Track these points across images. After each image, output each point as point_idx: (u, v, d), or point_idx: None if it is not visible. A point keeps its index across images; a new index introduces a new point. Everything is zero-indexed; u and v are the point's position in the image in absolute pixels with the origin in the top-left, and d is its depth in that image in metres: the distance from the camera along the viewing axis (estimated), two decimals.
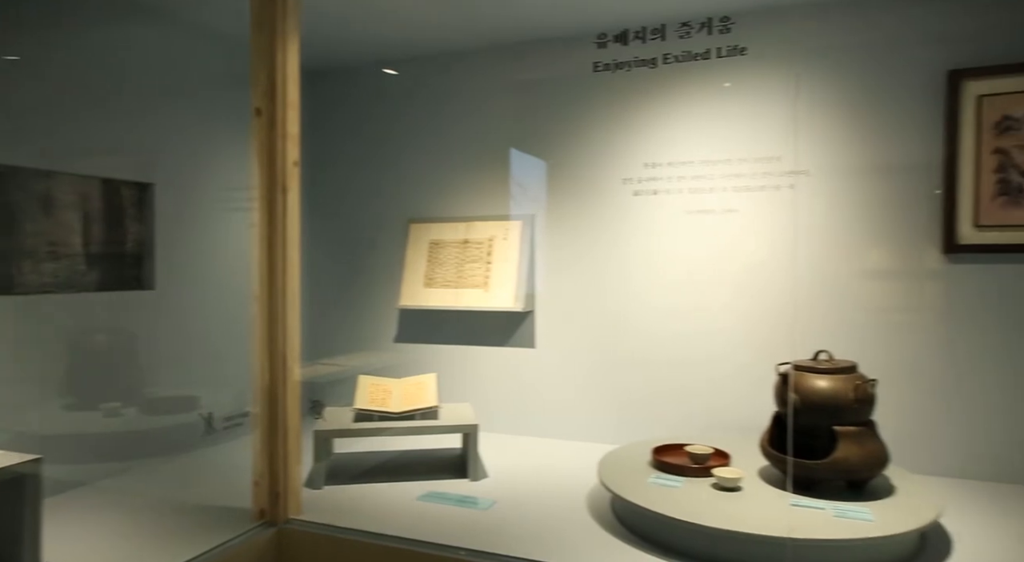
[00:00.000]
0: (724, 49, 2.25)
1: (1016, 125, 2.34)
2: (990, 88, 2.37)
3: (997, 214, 2.37)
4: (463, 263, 3.07)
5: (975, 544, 1.92)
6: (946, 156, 2.43)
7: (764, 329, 2.65)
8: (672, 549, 1.89)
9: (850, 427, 1.98)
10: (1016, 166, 2.34)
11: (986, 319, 2.43)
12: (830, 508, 1.88)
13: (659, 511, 1.87)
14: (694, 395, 2.77)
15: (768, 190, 2.63)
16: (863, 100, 2.54)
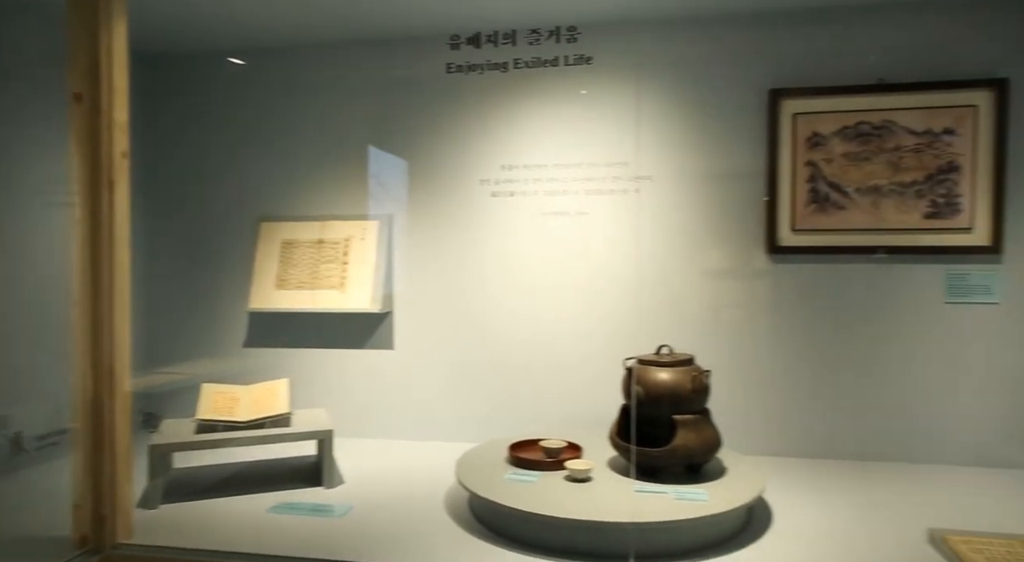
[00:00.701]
0: (572, 57, 2.35)
1: (823, 141, 2.64)
2: (803, 107, 2.65)
3: (810, 219, 2.66)
4: (318, 263, 2.96)
5: (792, 513, 2.14)
6: (769, 166, 2.69)
7: (613, 326, 2.79)
8: (528, 543, 1.93)
9: (688, 415, 2.13)
10: (823, 177, 2.64)
11: (804, 312, 2.71)
12: (671, 492, 2.02)
13: (513, 506, 1.91)
14: (550, 391, 2.86)
15: (617, 194, 2.78)
16: (699, 112, 2.75)
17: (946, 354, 2.61)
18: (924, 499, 2.27)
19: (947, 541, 1.85)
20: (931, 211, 2.57)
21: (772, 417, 2.73)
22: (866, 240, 2.62)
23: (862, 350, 2.67)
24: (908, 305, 2.63)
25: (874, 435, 2.67)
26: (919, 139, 2.57)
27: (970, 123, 2.53)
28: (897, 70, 2.59)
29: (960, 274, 2.58)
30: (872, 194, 2.61)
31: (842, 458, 2.67)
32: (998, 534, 1.89)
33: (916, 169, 2.57)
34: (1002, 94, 2.50)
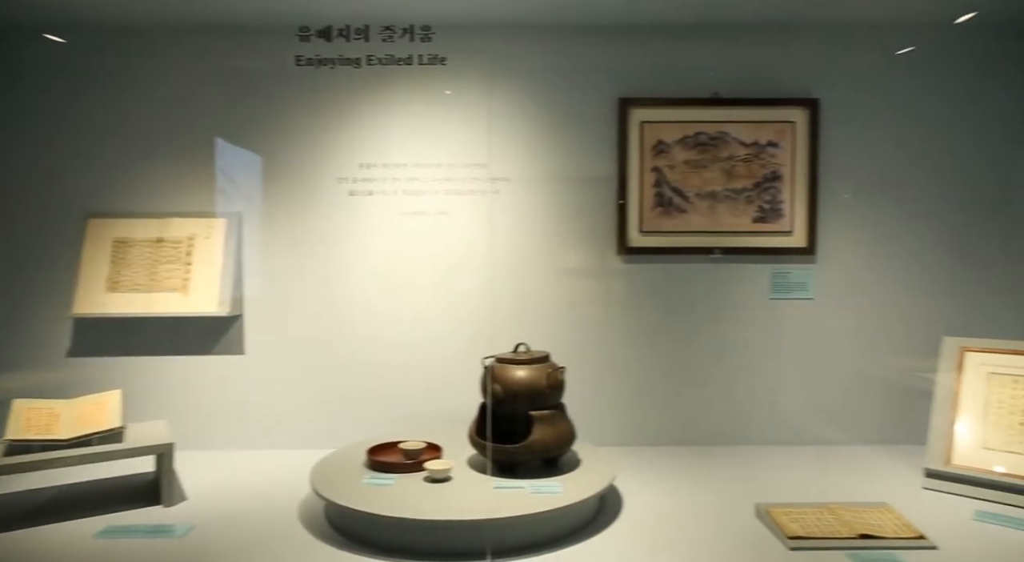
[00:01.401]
0: (426, 57, 2.35)
1: (667, 149, 2.83)
2: (650, 116, 2.82)
3: (656, 222, 2.84)
4: (157, 264, 2.73)
5: (640, 498, 2.27)
6: (619, 171, 2.83)
7: (472, 325, 2.82)
8: (388, 547, 1.91)
9: (544, 411, 2.20)
10: (667, 182, 2.83)
11: (651, 309, 2.89)
12: (528, 486, 2.07)
13: (370, 511, 1.87)
14: (410, 392, 2.83)
15: (476, 194, 2.81)
16: (555, 117, 2.84)
17: (771, 345, 2.88)
18: (753, 477, 2.50)
19: (770, 513, 2.05)
20: (759, 216, 2.83)
21: (623, 409, 2.89)
22: (705, 241, 2.84)
23: (702, 343, 2.89)
24: (740, 301, 2.88)
25: (712, 421, 2.90)
26: (748, 149, 2.82)
27: (789, 137, 2.82)
28: (730, 86, 2.83)
29: (782, 273, 2.86)
30: (709, 199, 2.83)
31: (686, 444, 2.87)
32: (811, 503, 2.13)
33: (746, 177, 2.83)
34: (814, 113, 2.81)
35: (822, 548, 1.87)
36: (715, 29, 2.81)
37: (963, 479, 2.29)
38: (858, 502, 2.15)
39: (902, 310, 2.88)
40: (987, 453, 2.30)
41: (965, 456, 2.33)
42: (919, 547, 1.87)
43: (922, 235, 2.88)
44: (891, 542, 1.89)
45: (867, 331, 2.89)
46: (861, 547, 1.86)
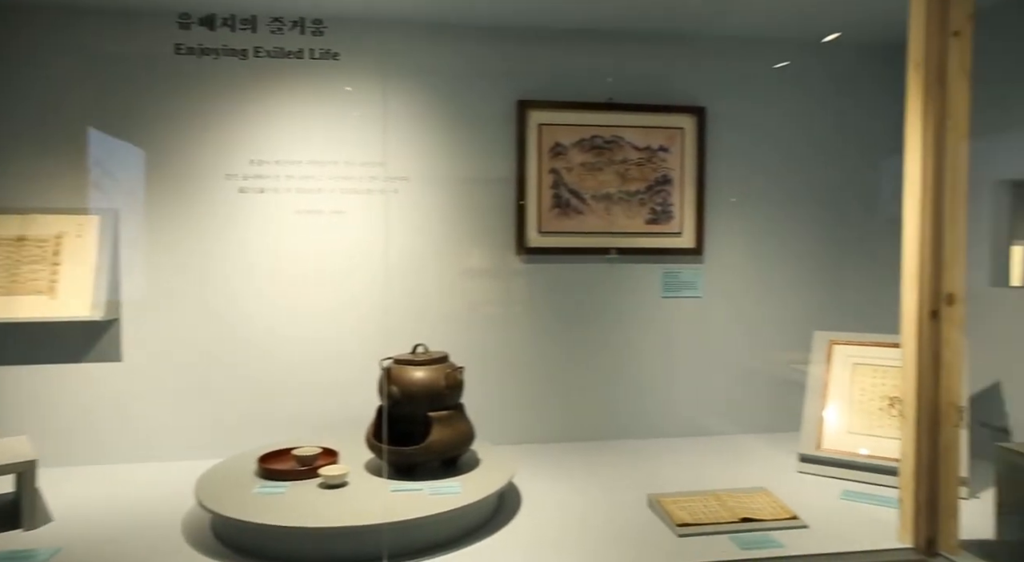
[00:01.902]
0: (318, 51, 2.28)
1: (564, 151, 2.89)
2: (547, 119, 2.87)
3: (554, 222, 2.90)
4: (19, 265, 2.50)
5: (539, 495, 2.31)
6: (518, 172, 2.87)
7: (370, 326, 2.77)
8: (281, 558, 1.84)
9: (442, 412, 2.19)
10: (565, 184, 2.89)
11: (550, 308, 2.94)
12: (427, 488, 2.06)
13: (260, 521, 1.80)
14: (305, 397, 2.74)
15: (374, 194, 2.76)
16: (454, 116, 2.84)
17: (663, 342, 3.01)
18: (647, 469, 2.60)
19: (660, 502, 2.13)
20: (651, 217, 2.95)
21: (522, 407, 2.92)
22: (601, 242, 2.93)
23: (598, 341, 2.97)
24: (634, 300, 2.98)
25: (609, 416, 2.99)
26: (641, 153, 2.93)
27: (679, 142, 2.95)
28: (624, 92, 2.92)
29: (673, 272, 2.99)
30: (605, 201, 2.92)
31: (583, 440, 2.94)
32: (698, 491, 2.23)
33: (639, 180, 2.93)
34: (701, 120, 2.95)
35: (707, 533, 1.97)
36: (610, 36, 2.90)
37: (832, 462, 2.48)
38: (740, 488, 2.28)
39: (780, 306, 3.08)
40: (853, 437, 2.50)
41: (834, 440, 2.52)
42: (793, 527, 2.01)
43: (798, 237, 3.09)
44: (769, 524, 2.01)
45: (749, 327, 3.07)
46: (742, 530, 1.98)
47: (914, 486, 1.86)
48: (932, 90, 1.80)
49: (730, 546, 1.89)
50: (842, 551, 1.86)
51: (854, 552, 1.85)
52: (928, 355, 1.84)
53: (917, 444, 1.85)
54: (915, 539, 1.86)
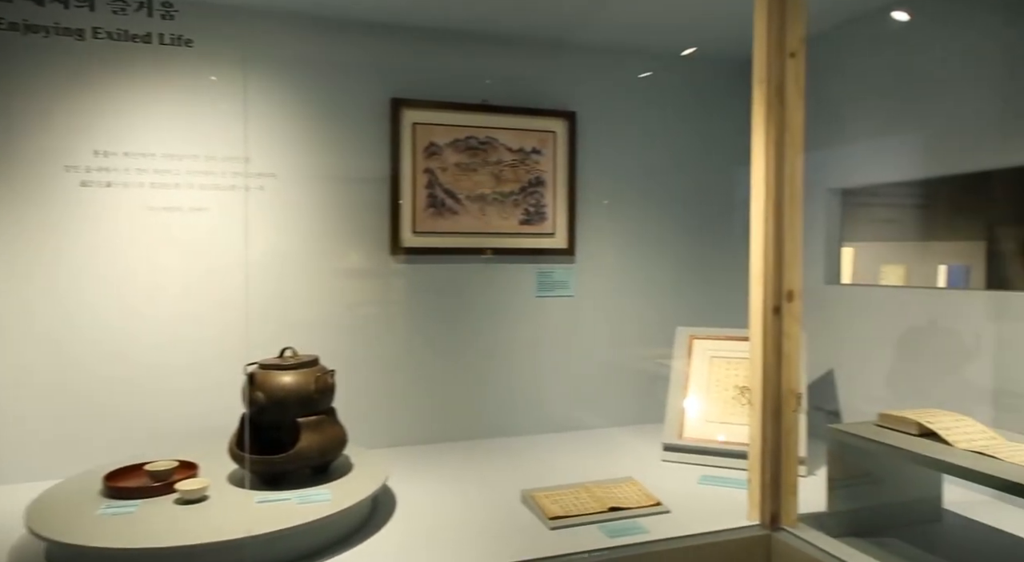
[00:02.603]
0: (168, 36, 2.12)
1: (439, 151, 2.88)
2: (422, 118, 2.85)
3: (428, 222, 2.88)
4: None
5: (414, 497, 2.28)
6: (392, 172, 2.82)
7: (236, 330, 2.62)
8: None
9: (312, 417, 2.11)
10: (440, 184, 2.89)
11: (424, 309, 2.92)
12: (295, 497, 1.98)
13: (104, 545, 1.65)
14: (161, 408, 2.55)
15: (239, 190, 2.61)
16: (325, 112, 2.75)
17: (537, 340, 3.08)
18: (521, 465, 2.65)
19: (533, 497, 2.18)
20: (525, 218, 3.01)
21: (397, 409, 2.88)
22: (476, 242, 2.95)
23: (474, 340, 2.99)
24: (509, 299, 3.03)
25: (484, 415, 3.01)
26: (515, 155, 2.98)
27: (551, 145, 3.03)
28: (498, 94, 2.96)
29: (547, 272, 3.07)
30: (480, 201, 2.94)
31: (460, 439, 2.95)
32: (569, 485, 2.30)
33: (513, 181, 2.99)
34: (572, 124, 3.05)
35: (578, 524, 2.04)
36: (485, 38, 2.93)
37: (692, 449, 2.64)
38: (609, 479, 2.38)
39: (647, 304, 3.25)
40: (710, 425, 2.68)
41: (694, 429, 2.69)
42: (656, 513, 2.13)
43: (663, 238, 3.27)
44: (635, 511, 2.11)
45: (618, 324, 3.21)
46: (610, 519, 2.06)
47: (760, 467, 2.02)
48: (773, 105, 1.97)
49: (599, 535, 1.97)
50: (699, 532, 1.99)
51: (709, 532, 1.99)
52: (772, 347, 2.01)
53: (763, 429, 2.01)
54: (762, 516, 2.03)
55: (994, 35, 2.31)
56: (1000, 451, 1.72)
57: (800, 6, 1.96)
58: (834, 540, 1.92)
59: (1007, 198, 2.84)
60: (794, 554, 1.91)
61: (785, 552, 1.94)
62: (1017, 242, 2.76)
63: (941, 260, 3.25)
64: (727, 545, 1.96)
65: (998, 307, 2.29)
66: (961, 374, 2.37)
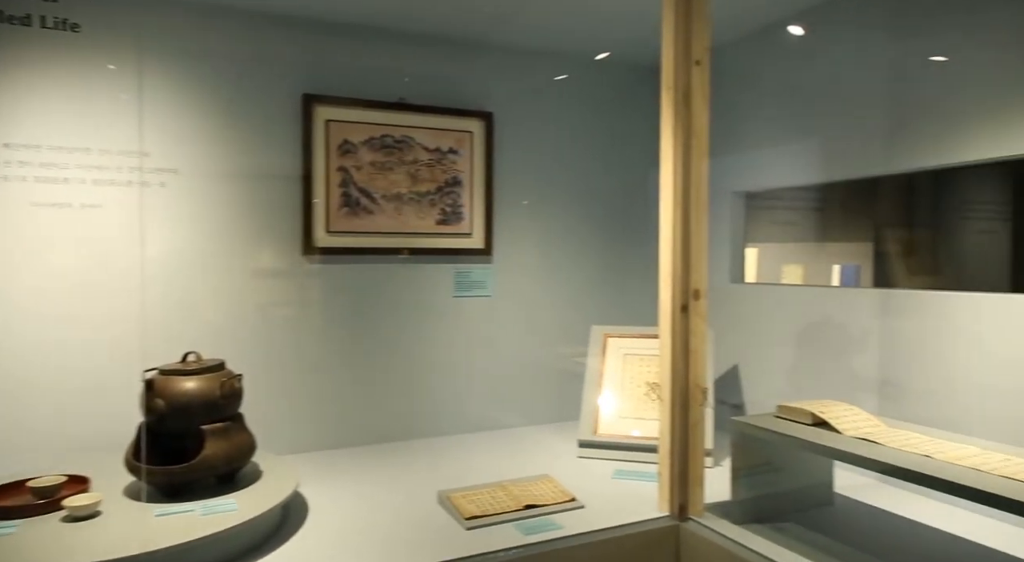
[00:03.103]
0: (51, 20, 1.98)
1: (353, 149, 2.82)
2: (335, 115, 2.78)
3: (342, 222, 2.82)
4: None
5: (327, 503, 2.23)
6: (304, 170, 2.74)
7: (134, 335, 2.48)
8: None
9: (218, 424, 2.02)
10: (354, 183, 2.83)
11: (339, 310, 2.86)
12: (199, 508, 1.89)
13: None
14: (50, 419, 2.37)
15: (136, 186, 2.47)
16: (232, 106, 2.64)
17: (456, 340, 3.07)
18: (439, 467, 2.63)
19: (450, 498, 2.17)
20: (442, 218, 2.99)
21: (311, 413, 2.81)
22: (392, 242, 2.91)
23: (391, 341, 2.95)
24: (427, 300, 3.01)
25: (403, 417, 2.98)
26: (431, 155, 2.96)
27: (468, 145, 3.03)
28: (414, 93, 2.93)
29: (464, 272, 3.07)
30: (396, 201, 2.90)
31: (377, 442, 2.90)
32: (486, 484, 2.31)
33: (430, 181, 2.96)
34: (489, 125, 3.06)
35: (494, 523, 2.04)
36: (402, 36, 2.89)
37: (607, 445, 2.71)
38: (525, 477, 2.40)
39: (563, 304, 3.30)
40: (624, 421, 2.76)
41: (608, 426, 2.76)
42: (571, 509, 2.16)
43: (580, 238, 3.33)
44: (550, 508, 2.14)
45: (536, 323, 3.25)
46: (526, 517, 2.08)
47: (669, 461, 2.10)
48: (680, 111, 2.04)
49: (515, 533, 1.98)
50: (611, 526, 2.04)
51: (621, 525, 2.04)
52: (680, 344, 2.08)
53: (672, 423, 2.09)
54: (671, 507, 2.10)
55: (879, 51, 2.48)
56: (881, 437, 1.85)
57: (705, 17, 2.04)
58: (737, 527, 2.01)
59: (891, 203, 3.07)
60: (700, 543, 1.99)
61: (692, 541, 2.02)
62: (899, 244, 2.99)
63: (835, 260, 3.47)
64: (638, 537, 2.02)
65: (883, 304, 2.47)
66: (851, 367, 2.54)
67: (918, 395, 2.30)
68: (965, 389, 2.17)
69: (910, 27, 2.37)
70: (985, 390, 2.11)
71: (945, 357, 2.23)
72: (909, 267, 3.06)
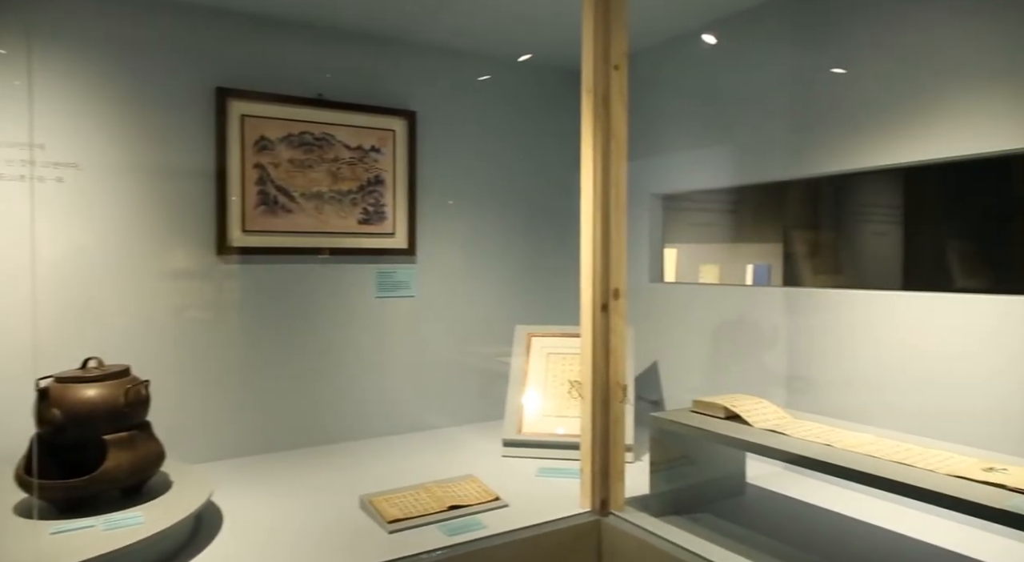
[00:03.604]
0: None
1: (271, 146, 2.73)
2: (251, 110, 2.69)
3: (260, 221, 2.72)
4: None
5: (244, 512, 2.15)
6: (218, 166, 2.64)
7: (26, 340, 2.31)
8: None
9: (122, 433, 1.92)
10: (272, 181, 2.74)
11: (256, 312, 2.76)
12: (101, 523, 1.78)
13: None
14: None
15: (28, 181, 2.30)
16: (141, 98, 2.50)
17: (380, 342, 3.02)
18: (363, 470, 2.59)
19: (372, 502, 2.14)
20: (364, 218, 2.94)
21: (227, 420, 2.70)
22: (312, 242, 2.83)
23: (310, 344, 2.87)
24: (349, 301, 2.95)
25: (326, 421, 2.91)
26: (353, 153, 2.91)
27: (391, 144, 2.99)
28: (335, 89, 2.87)
29: (387, 273, 3.03)
30: (316, 199, 2.83)
31: (298, 447, 2.82)
32: (410, 486, 2.28)
33: (351, 179, 2.91)
34: (412, 124, 3.03)
35: (417, 526, 2.02)
36: (322, 31, 2.82)
37: (531, 444, 2.73)
38: (450, 477, 2.39)
39: (489, 303, 3.31)
40: (547, 419, 2.79)
41: (532, 424, 2.78)
42: (495, 508, 2.17)
43: (506, 239, 3.35)
44: (474, 508, 2.14)
45: (461, 324, 3.24)
46: (450, 518, 2.07)
47: (591, 457, 2.14)
48: (599, 114, 2.08)
49: (438, 534, 1.97)
50: (534, 523, 2.05)
51: (544, 522, 2.06)
52: (600, 342, 2.12)
53: (593, 420, 2.13)
54: (592, 503, 2.14)
55: (785, 62, 2.61)
56: (788, 428, 1.95)
57: (622, 23, 2.09)
58: (656, 519, 2.07)
59: (798, 206, 3.24)
60: (620, 536, 2.04)
61: (612, 535, 2.06)
62: (805, 245, 3.15)
63: (749, 260, 3.63)
64: (560, 533, 2.04)
65: (790, 302, 2.60)
66: (762, 362, 2.66)
67: (822, 388, 2.44)
68: (864, 381, 2.31)
69: (813, 41, 2.50)
70: (881, 382, 2.26)
71: (846, 351, 2.37)
72: (814, 267, 3.23)
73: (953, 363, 2.08)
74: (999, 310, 1.98)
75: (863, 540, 1.97)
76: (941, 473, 1.57)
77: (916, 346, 2.17)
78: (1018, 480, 1.49)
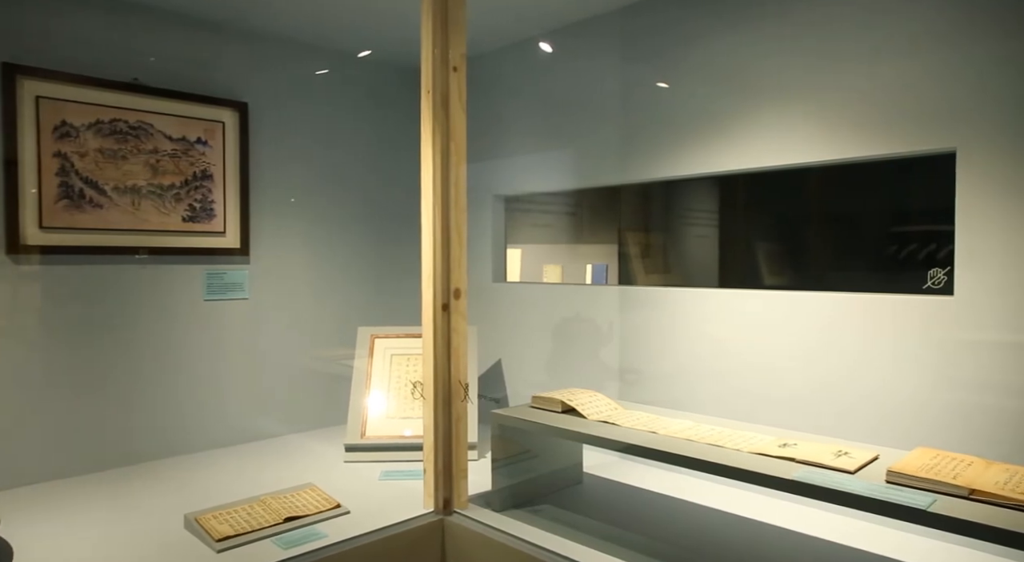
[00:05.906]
0: None
1: (75, 133, 2.45)
2: (49, 91, 2.39)
3: (61, 217, 2.43)
4: None
5: (47, 545, 1.90)
6: (6, 154, 2.31)
7: None
8: None
9: None
10: (77, 172, 2.45)
11: (58, 319, 2.46)
12: None
13: None
14: None
15: None
16: None
17: (210, 347, 2.81)
18: (189, 487, 2.39)
19: (198, 520, 1.99)
20: (189, 215, 2.72)
21: (26, 440, 2.38)
22: (128, 240, 2.58)
23: (131, 353, 2.61)
24: (171, 305, 2.71)
25: (147, 435, 2.65)
26: (176, 145, 2.68)
27: (220, 136, 2.80)
28: (153, 74, 2.63)
29: (217, 273, 2.82)
30: (132, 194, 2.58)
31: (113, 467, 2.55)
32: (243, 500, 2.15)
33: (174, 173, 2.68)
34: (244, 115, 2.85)
35: (250, 541, 1.91)
36: (139, 8, 2.57)
37: (374, 447, 2.68)
38: (287, 488, 2.28)
39: (330, 305, 3.20)
40: (392, 421, 2.75)
41: (376, 427, 2.73)
42: (336, 515, 2.10)
43: (347, 238, 3.25)
44: (313, 518, 2.06)
45: (300, 326, 3.10)
46: (286, 530, 1.98)
47: (434, 456, 2.13)
48: (439, 115, 2.08)
49: (273, 548, 1.87)
50: (378, 527, 2.02)
51: (387, 526, 2.03)
52: (441, 342, 2.13)
53: (435, 419, 2.13)
54: (436, 502, 2.14)
55: (615, 74, 2.77)
56: (620, 419, 2.07)
57: (461, 25, 2.10)
58: (498, 514, 2.11)
59: (631, 208, 3.45)
60: (464, 534, 2.05)
61: (456, 533, 2.08)
62: (637, 246, 3.37)
63: (588, 260, 3.81)
64: (404, 535, 2.02)
65: (624, 300, 2.76)
66: (599, 357, 2.81)
67: (652, 379, 2.62)
68: (686, 372, 2.51)
69: (639, 56, 2.68)
70: (701, 372, 2.47)
71: (672, 345, 2.56)
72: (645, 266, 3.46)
73: (760, 353, 2.32)
74: (795, 305, 2.24)
75: (687, 516, 2.15)
76: (745, 451, 1.74)
77: (729, 338, 2.40)
78: (806, 453, 1.69)
